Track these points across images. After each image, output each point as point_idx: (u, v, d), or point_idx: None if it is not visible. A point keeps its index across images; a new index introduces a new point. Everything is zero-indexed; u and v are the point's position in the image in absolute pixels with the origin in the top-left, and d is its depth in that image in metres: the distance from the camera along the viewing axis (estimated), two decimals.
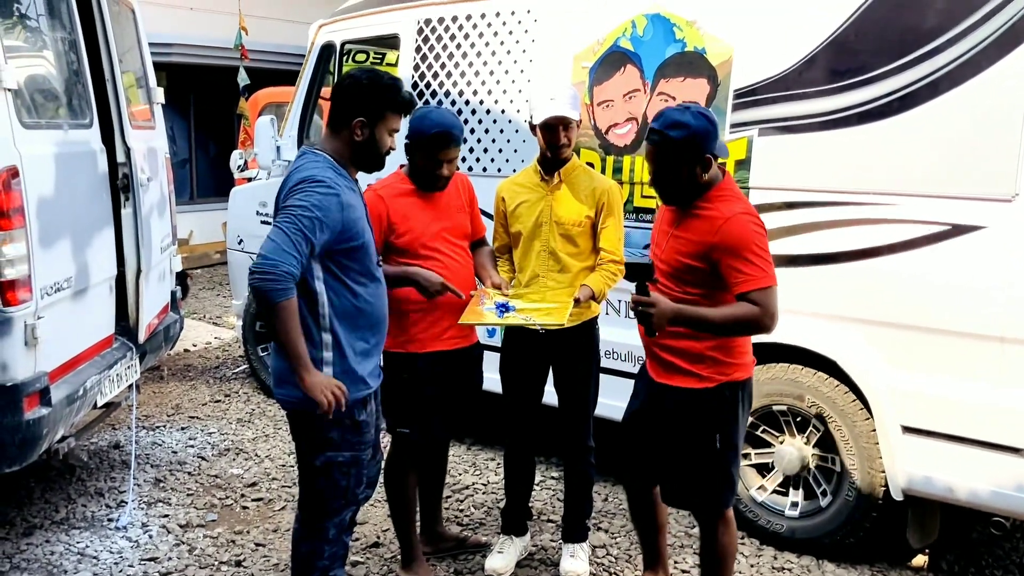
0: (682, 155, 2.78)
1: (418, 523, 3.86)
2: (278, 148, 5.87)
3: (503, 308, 3.33)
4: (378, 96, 2.74)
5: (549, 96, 3.48)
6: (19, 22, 3.84)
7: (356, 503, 2.91)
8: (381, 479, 3.60)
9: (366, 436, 2.86)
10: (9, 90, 3.40)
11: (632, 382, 3.34)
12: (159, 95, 5.21)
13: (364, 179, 3.32)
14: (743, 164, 3.93)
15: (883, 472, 3.72)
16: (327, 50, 5.82)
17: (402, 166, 3.54)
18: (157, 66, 9.41)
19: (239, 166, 6.95)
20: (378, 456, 3.10)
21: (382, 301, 2.88)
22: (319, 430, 2.75)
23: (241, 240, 6.43)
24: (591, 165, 4.33)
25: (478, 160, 4.90)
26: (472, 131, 4.89)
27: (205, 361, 7.37)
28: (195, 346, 7.83)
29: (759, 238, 2.78)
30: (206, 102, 13.07)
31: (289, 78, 10.21)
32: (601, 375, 3.77)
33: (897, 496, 3.68)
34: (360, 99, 2.74)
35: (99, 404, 4.12)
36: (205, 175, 13.34)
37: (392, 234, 3.38)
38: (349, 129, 2.75)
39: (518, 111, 4.72)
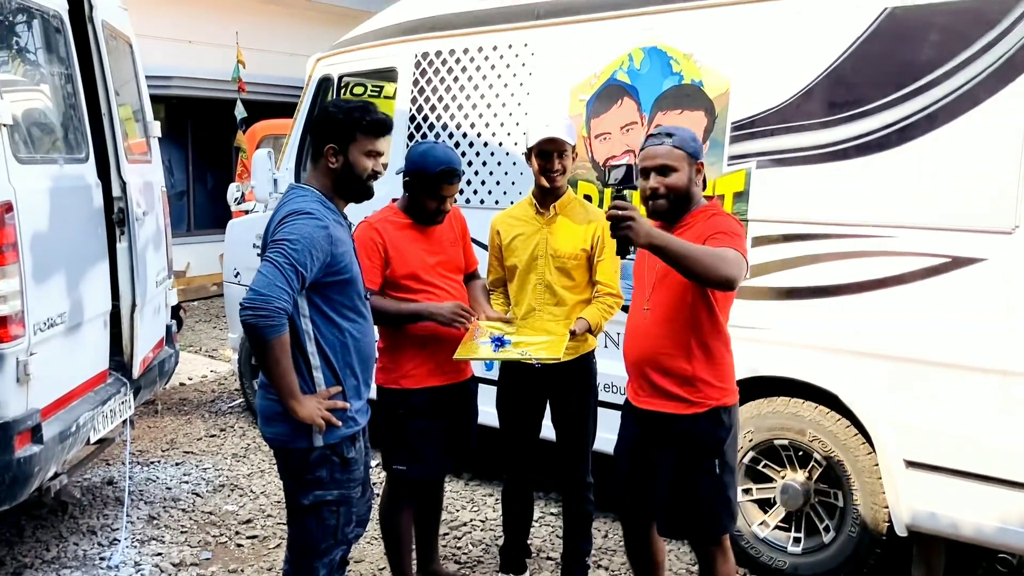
0: (687, 152, 2.88)
1: (414, 561, 3.79)
2: (275, 181, 5.86)
3: (498, 342, 3.29)
4: (345, 119, 2.72)
5: (544, 123, 3.50)
6: (15, 56, 3.84)
7: (346, 543, 2.86)
8: (375, 516, 3.56)
9: (355, 473, 2.81)
10: (4, 125, 3.39)
11: None
12: (156, 129, 5.20)
13: (358, 212, 3.30)
14: (741, 196, 3.92)
15: (886, 507, 3.67)
16: (325, 83, 5.83)
17: (394, 200, 3.53)
18: (156, 98, 9.44)
19: (236, 199, 6.95)
20: (368, 493, 3.05)
21: (369, 337, 2.85)
22: (307, 468, 2.70)
23: (238, 273, 6.40)
24: (588, 198, 4.31)
25: (476, 192, 4.88)
26: (470, 164, 4.88)
27: (201, 395, 7.31)
28: (191, 379, 7.77)
29: (743, 237, 2.91)
30: (204, 134, 13.11)
31: (287, 110, 10.25)
32: (600, 409, 3.73)
33: (901, 532, 3.62)
34: (329, 125, 2.73)
35: (92, 440, 4.07)
36: (203, 207, 13.35)
37: (388, 268, 3.35)
38: (324, 158, 2.74)
39: (516, 144, 4.71)
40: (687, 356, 2.90)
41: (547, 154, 3.46)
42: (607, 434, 3.76)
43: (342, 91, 5.83)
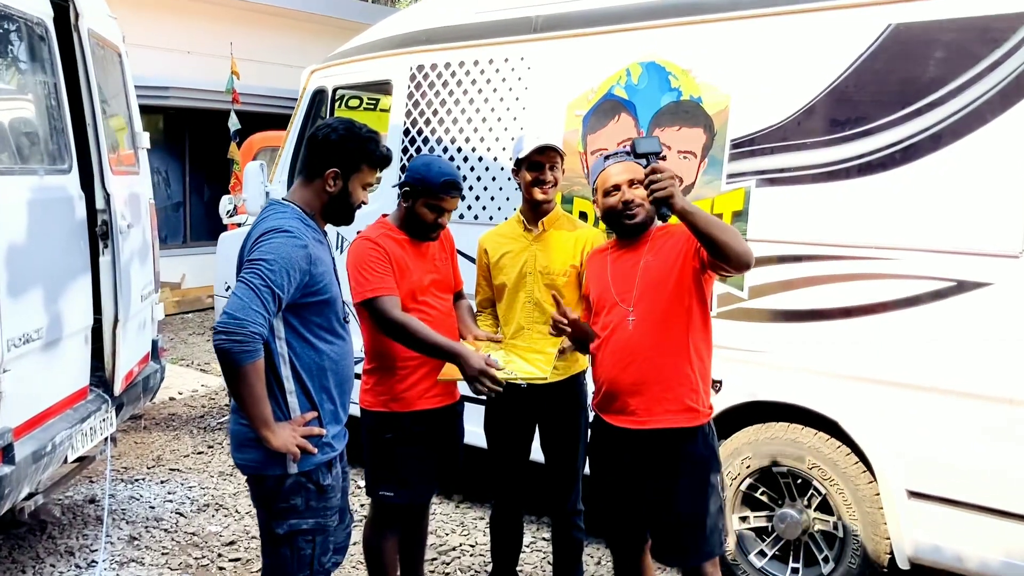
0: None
1: None
2: (267, 194, 5.76)
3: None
4: (356, 148, 2.64)
5: (534, 136, 3.44)
6: None
7: (324, 573, 2.74)
8: (357, 540, 3.44)
9: (331, 501, 2.69)
10: None
11: None
12: (144, 140, 5.11)
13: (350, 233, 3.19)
14: (740, 215, 3.81)
15: (888, 539, 3.55)
16: (319, 95, 5.74)
17: (385, 215, 3.42)
18: (153, 109, 9.36)
19: (228, 211, 6.85)
20: (347, 520, 2.94)
21: (348, 359, 2.74)
22: (281, 496, 2.59)
23: (228, 287, 6.28)
24: (584, 215, 4.22)
25: (470, 208, 4.78)
26: (464, 178, 4.78)
27: (190, 410, 7.19)
28: (181, 394, 7.65)
29: None
30: (201, 145, 13.04)
31: (282, 122, 10.17)
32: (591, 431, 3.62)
33: (903, 565, 3.50)
34: (336, 150, 2.63)
35: (71, 459, 3.95)
36: (199, 218, 13.26)
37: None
38: (322, 179, 2.64)
39: (511, 159, 4.60)
40: (688, 363, 2.85)
41: (539, 165, 3.38)
42: None
43: (336, 104, 5.74)
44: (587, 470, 3.58)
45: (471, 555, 4.45)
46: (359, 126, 2.68)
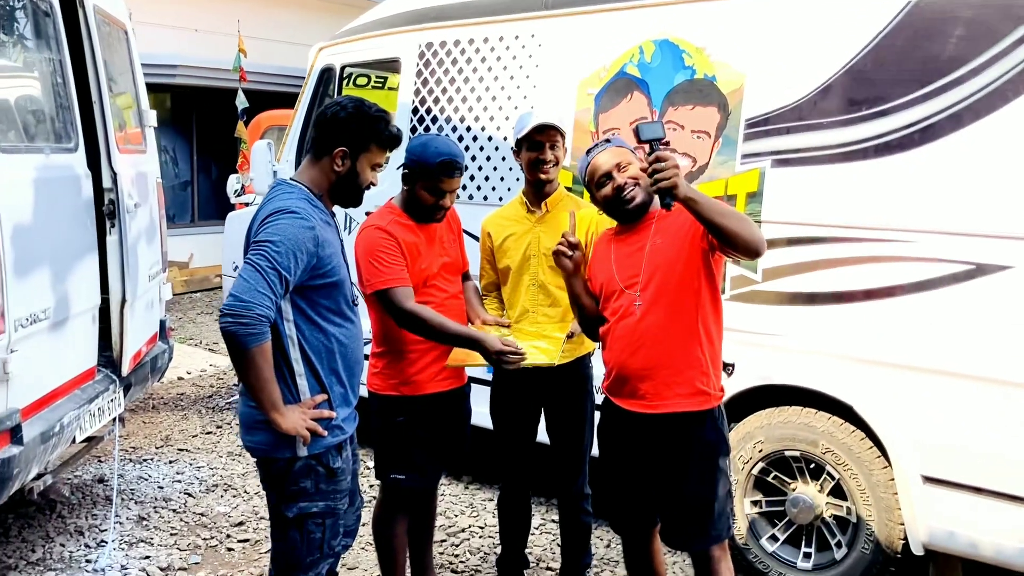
0: (629, 148, 2.93)
1: (408, 571, 3.65)
2: (275, 173, 5.71)
3: None
4: (364, 127, 2.58)
5: (536, 116, 3.37)
6: (2, 43, 3.70)
7: (333, 555, 2.72)
8: (366, 522, 3.42)
9: (341, 484, 2.67)
10: None
11: None
12: (151, 118, 5.06)
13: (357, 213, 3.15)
14: (754, 197, 3.75)
15: (902, 524, 3.51)
16: (327, 73, 5.68)
17: (392, 199, 3.37)
18: (161, 87, 9.30)
19: (236, 191, 6.81)
20: (357, 502, 2.91)
21: (357, 342, 2.70)
22: (291, 479, 2.56)
23: (236, 267, 6.26)
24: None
25: (479, 188, 4.73)
26: (473, 159, 4.73)
27: (199, 390, 7.18)
28: (189, 373, 7.65)
29: None
30: (209, 124, 12.98)
31: (289, 100, 10.09)
32: (597, 413, 3.58)
33: (917, 551, 3.47)
34: (344, 128, 2.57)
35: (79, 439, 3.94)
36: (207, 197, 13.23)
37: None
38: (330, 158, 2.59)
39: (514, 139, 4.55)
40: (699, 345, 2.81)
41: (539, 145, 3.33)
42: None
43: (344, 82, 5.68)
44: (595, 452, 3.57)
45: (480, 536, 4.44)
46: (368, 105, 2.63)
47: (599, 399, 3.36)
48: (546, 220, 3.42)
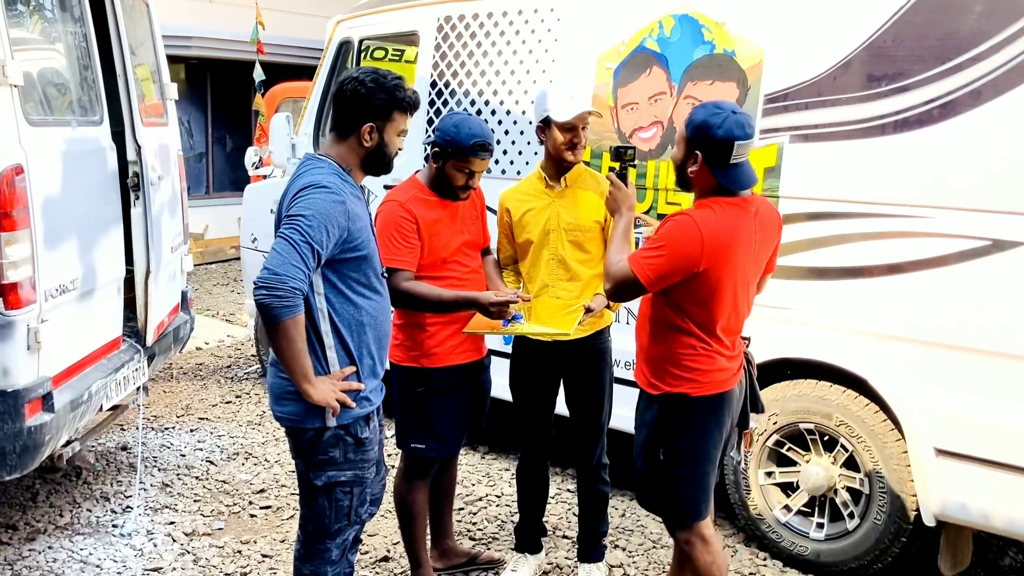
0: (686, 133, 2.78)
1: (428, 537, 3.74)
2: (293, 146, 5.75)
3: (511, 318, 3.20)
4: (386, 97, 2.61)
5: (568, 95, 3.35)
6: (28, 15, 3.74)
7: (360, 523, 2.79)
8: (387, 491, 3.49)
9: (369, 454, 2.73)
10: (15, 86, 3.29)
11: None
12: (172, 91, 5.09)
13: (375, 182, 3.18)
14: (772, 172, 3.78)
15: (914, 496, 3.56)
16: (345, 46, 5.70)
17: (417, 171, 3.41)
18: (175, 59, 9.29)
19: (254, 163, 6.85)
20: (382, 472, 2.98)
21: (385, 315, 2.75)
22: (320, 448, 2.62)
23: (255, 239, 6.33)
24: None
25: (497, 162, 4.76)
26: (492, 132, 4.74)
27: (217, 360, 7.28)
28: (207, 344, 7.74)
29: (663, 232, 2.74)
30: (224, 95, 12.99)
31: (306, 72, 10.08)
32: (616, 386, 3.64)
33: (929, 522, 3.52)
34: (367, 103, 2.60)
35: (105, 408, 4.02)
36: (222, 169, 13.27)
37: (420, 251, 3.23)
38: (357, 135, 2.62)
39: (539, 116, 4.56)
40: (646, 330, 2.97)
41: (573, 128, 3.33)
42: (624, 411, 3.67)
43: (362, 55, 5.70)
44: (612, 424, 3.64)
45: (497, 505, 4.52)
46: (383, 73, 2.64)
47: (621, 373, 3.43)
48: (565, 195, 3.45)
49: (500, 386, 3.74)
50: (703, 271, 2.66)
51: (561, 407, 3.64)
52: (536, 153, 4.61)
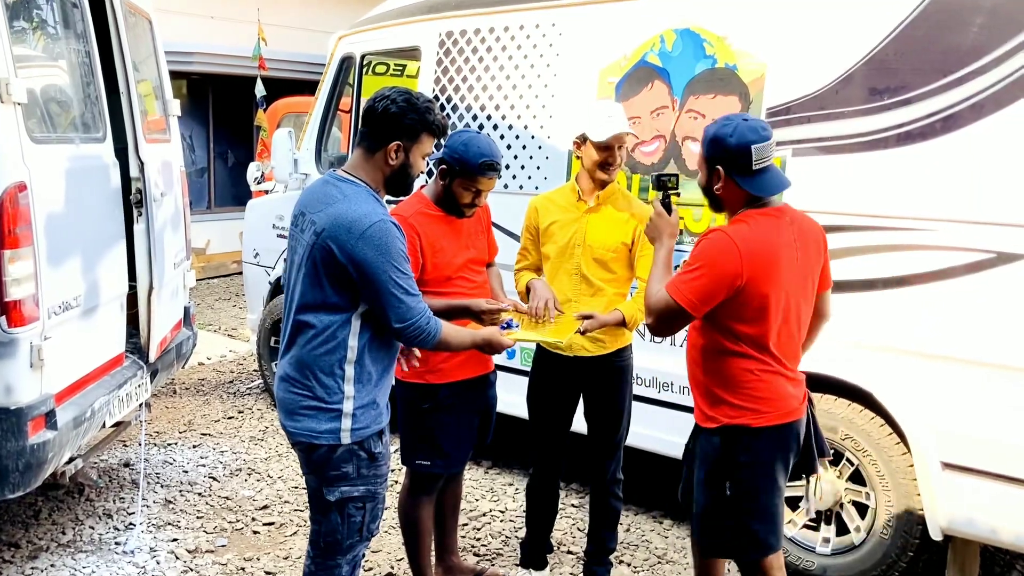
0: (704, 155, 2.74)
1: (432, 554, 3.72)
2: (295, 161, 5.77)
3: (506, 325, 3.21)
4: (417, 119, 2.61)
5: (606, 114, 3.35)
6: (31, 33, 3.75)
7: (371, 538, 2.78)
8: (392, 506, 3.48)
9: (382, 469, 2.72)
10: (18, 104, 3.30)
11: (665, 410, 3.20)
12: (175, 107, 5.10)
13: None
14: None
15: (921, 510, 3.55)
16: (347, 62, 5.72)
17: (422, 187, 3.41)
18: (177, 74, 9.31)
19: (256, 178, 6.85)
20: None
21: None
22: (333, 464, 2.61)
23: (257, 253, 6.33)
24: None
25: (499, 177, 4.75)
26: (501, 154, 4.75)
27: (219, 375, 7.27)
28: (209, 359, 7.73)
29: (697, 252, 2.67)
30: (225, 111, 13.03)
31: (307, 87, 10.12)
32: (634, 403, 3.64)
33: (936, 536, 3.51)
34: (397, 122, 2.59)
35: (108, 424, 4.01)
36: (223, 184, 13.29)
37: (421, 267, 3.23)
38: (384, 152, 2.62)
39: (542, 127, 4.59)
40: (701, 360, 2.90)
41: (608, 148, 3.32)
42: (642, 429, 3.67)
43: (364, 70, 5.72)
44: (629, 441, 3.62)
45: (501, 520, 4.50)
46: (416, 95, 2.65)
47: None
48: (596, 212, 3.43)
49: (505, 401, 3.73)
50: (745, 284, 2.58)
51: (575, 424, 3.63)
52: (538, 168, 4.61)
